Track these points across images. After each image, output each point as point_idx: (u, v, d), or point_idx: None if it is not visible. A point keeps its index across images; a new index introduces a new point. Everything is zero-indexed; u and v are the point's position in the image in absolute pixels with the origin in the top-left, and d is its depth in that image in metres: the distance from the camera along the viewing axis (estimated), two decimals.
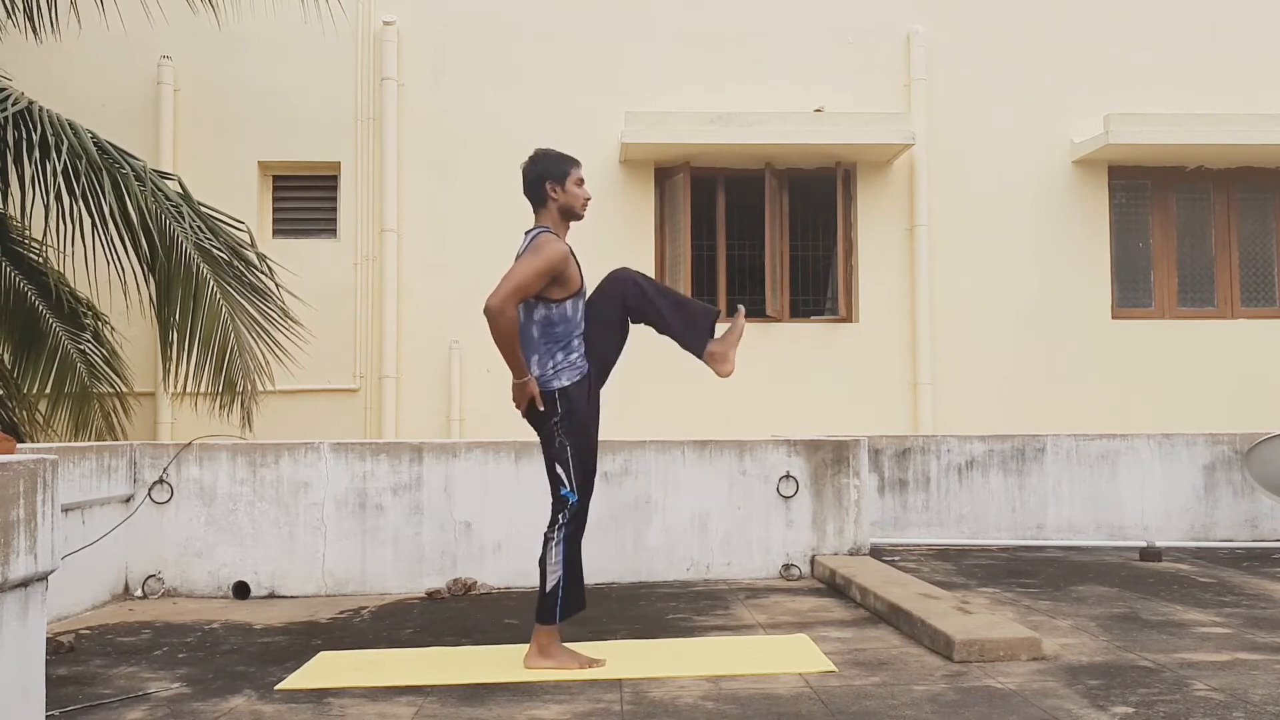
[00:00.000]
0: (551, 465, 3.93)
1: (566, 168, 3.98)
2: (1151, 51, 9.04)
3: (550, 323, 3.89)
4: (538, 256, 3.80)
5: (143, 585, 5.63)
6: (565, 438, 3.88)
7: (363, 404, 8.57)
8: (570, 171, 3.98)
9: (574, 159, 4.04)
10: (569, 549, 3.90)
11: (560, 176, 3.96)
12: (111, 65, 8.48)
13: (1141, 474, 7.35)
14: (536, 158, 4.01)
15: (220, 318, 6.29)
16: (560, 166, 3.97)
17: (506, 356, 3.80)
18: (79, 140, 5.86)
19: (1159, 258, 9.20)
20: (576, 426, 3.90)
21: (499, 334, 3.74)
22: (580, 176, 4.02)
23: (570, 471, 3.89)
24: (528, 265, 3.79)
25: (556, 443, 3.90)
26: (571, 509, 3.90)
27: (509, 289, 3.74)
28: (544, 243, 3.85)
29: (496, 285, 3.78)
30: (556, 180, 3.95)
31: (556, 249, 3.83)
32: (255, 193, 8.66)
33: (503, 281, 3.77)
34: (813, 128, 8.42)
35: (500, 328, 3.73)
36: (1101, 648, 4.12)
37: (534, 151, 4.05)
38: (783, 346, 8.74)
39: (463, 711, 3.38)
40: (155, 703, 3.52)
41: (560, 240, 3.90)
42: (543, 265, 3.79)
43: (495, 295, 3.74)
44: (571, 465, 3.89)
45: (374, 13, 8.70)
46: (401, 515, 5.80)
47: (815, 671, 3.81)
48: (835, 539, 6.05)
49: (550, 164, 3.97)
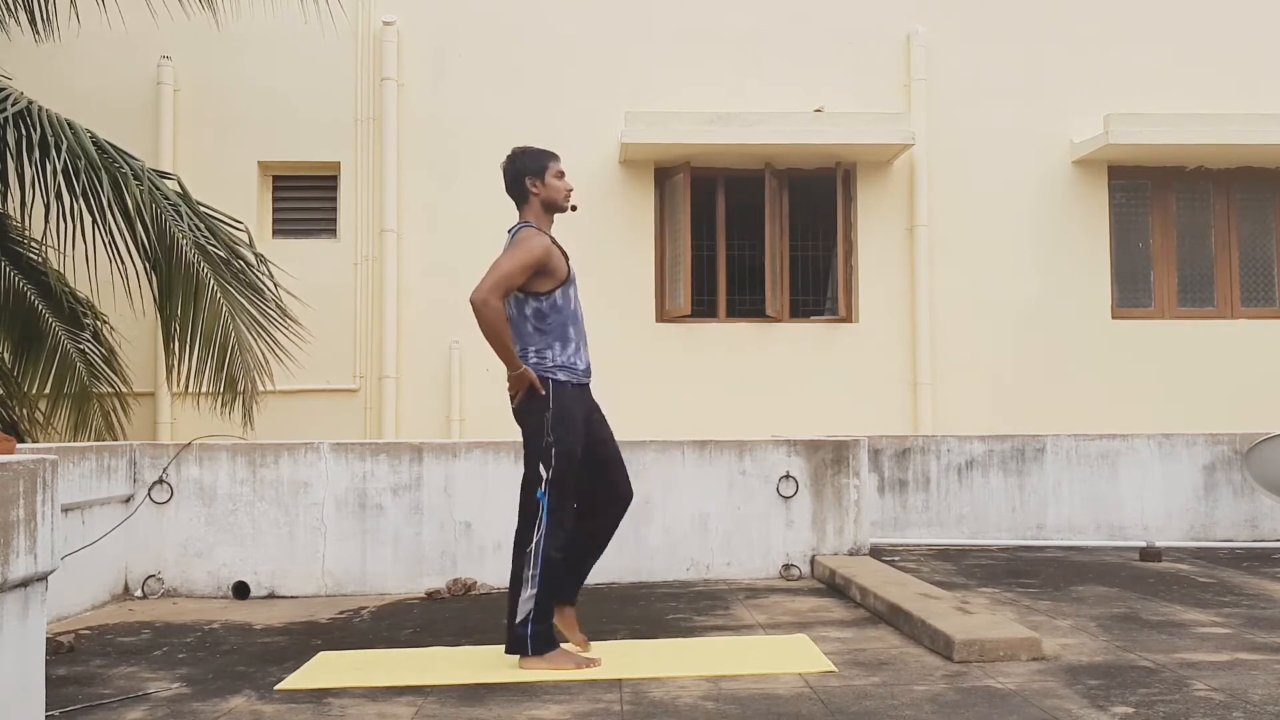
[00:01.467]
0: (534, 465, 3.88)
1: (545, 161, 4.03)
2: (1151, 52, 9.04)
3: (542, 314, 3.91)
4: (519, 250, 3.86)
5: (142, 585, 5.63)
6: (553, 433, 3.87)
7: (363, 404, 8.57)
8: (549, 165, 4.02)
9: (552, 153, 4.08)
10: (546, 564, 3.81)
11: (539, 171, 4.00)
12: (111, 65, 8.48)
13: (1141, 474, 7.35)
14: (514, 155, 4.05)
15: (220, 317, 6.29)
16: (538, 161, 4.02)
17: (497, 349, 3.81)
18: (78, 140, 5.86)
19: (1159, 258, 9.20)
20: (565, 425, 3.88)
21: (485, 326, 3.78)
22: (560, 169, 4.05)
23: (551, 471, 3.84)
24: (509, 259, 3.84)
25: (544, 440, 3.87)
26: (546, 520, 3.82)
27: (491, 282, 3.78)
28: (525, 237, 3.90)
29: (480, 280, 3.82)
30: (535, 175, 4.00)
31: (537, 242, 3.88)
32: (255, 193, 8.66)
33: (485, 275, 3.82)
34: (813, 128, 8.42)
35: (485, 320, 3.76)
36: (1101, 648, 4.12)
37: (511, 150, 4.09)
38: (783, 346, 8.74)
39: (462, 711, 3.38)
40: (155, 703, 3.52)
41: (541, 234, 3.94)
42: (525, 258, 3.84)
43: (478, 289, 3.79)
44: (554, 465, 3.85)
45: (374, 13, 8.70)
46: (401, 515, 5.80)
47: (815, 671, 3.81)
48: (835, 539, 6.05)
49: (529, 160, 4.02)
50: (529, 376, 3.85)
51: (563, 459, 3.88)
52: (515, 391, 3.90)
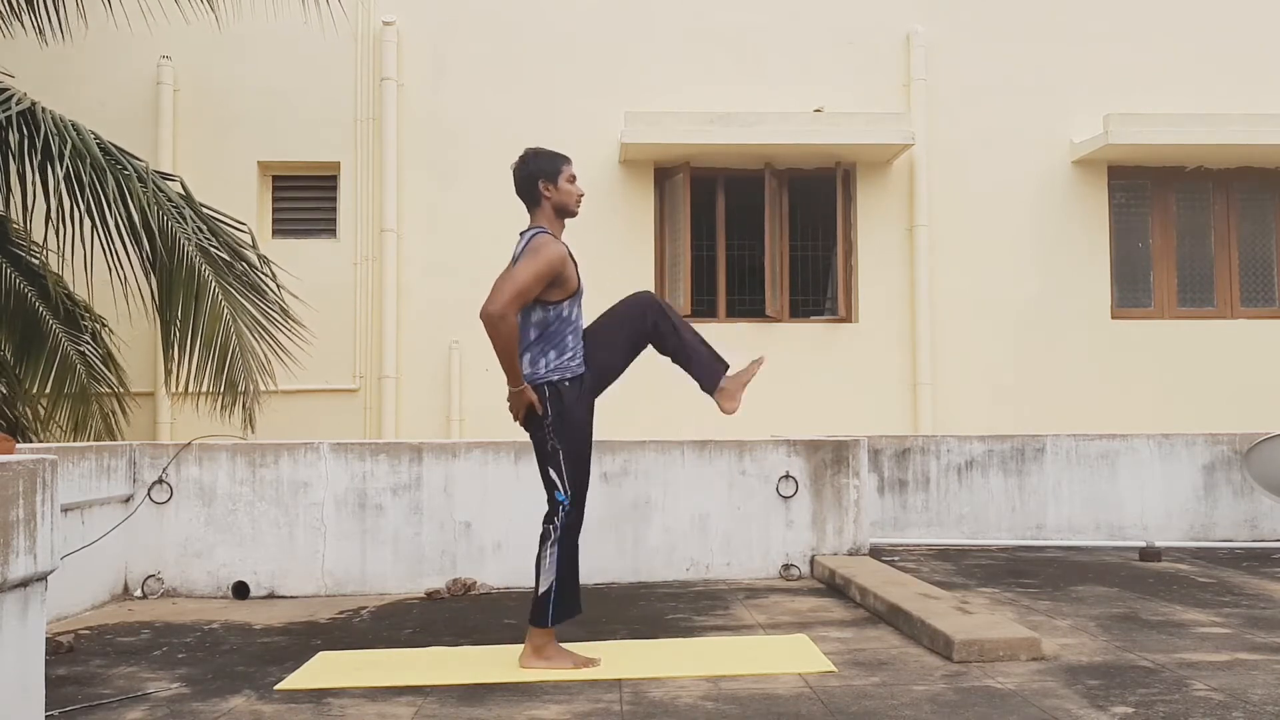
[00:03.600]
0: (545, 469, 3.88)
1: (559, 165, 3.94)
2: (1151, 51, 9.04)
3: (546, 323, 3.85)
4: (537, 259, 3.74)
5: (142, 585, 5.63)
6: (558, 441, 3.83)
7: (362, 404, 8.57)
8: (562, 168, 3.93)
9: (565, 156, 3.99)
10: (564, 551, 3.85)
11: (553, 174, 3.91)
12: (111, 65, 8.48)
13: (1141, 474, 7.35)
14: (527, 157, 3.97)
15: (222, 319, 6.29)
16: (553, 164, 3.93)
17: (504, 363, 3.74)
18: (83, 142, 5.85)
19: (1159, 258, 9.20)
20: (569, 430, 3.84)
21: (499, 341, 3.68)
22: (572, 173, 3.97)
23: (564, 475, 3.84)
24: (528, 269, 3.72)
25: (549, 446, 3.85)
26: (566, 513, 3.85)
27: (510, 295, 3.67)
28: (542, 244, 3.79)
29: (493, 290, 3.72)
30: (549, 178, 3.91)
31: (555, 251, 3.78)
32: (255, 193, 8.66)
33: (502, 287, 3.71)
34: (813, 128, 8.43)
35: (501, 334, 3.67)
36: (1101, 648, 4.12)
37: (524, 151, 4.00)
38: (783, 346, 8.74)
39: (462, 711, 3.38)
40: (155, 703, 3.52)
41: (558, 241, 3.86)
42: (544, 268, 3.74)
43: (495, 301, 3.67)
44: (565, 470, 3.84)
45: (374, 13, 8.70)
46: (401, 515, 5.80)
47: (815, 671, 3.81)
48: (835, 539, 6.05)
49: (543, 162, 3.93)
50: (527, 397, 3.80)
51: (571, 458, 3.86)
52: (514, 409, 3.85)
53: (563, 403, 3.85)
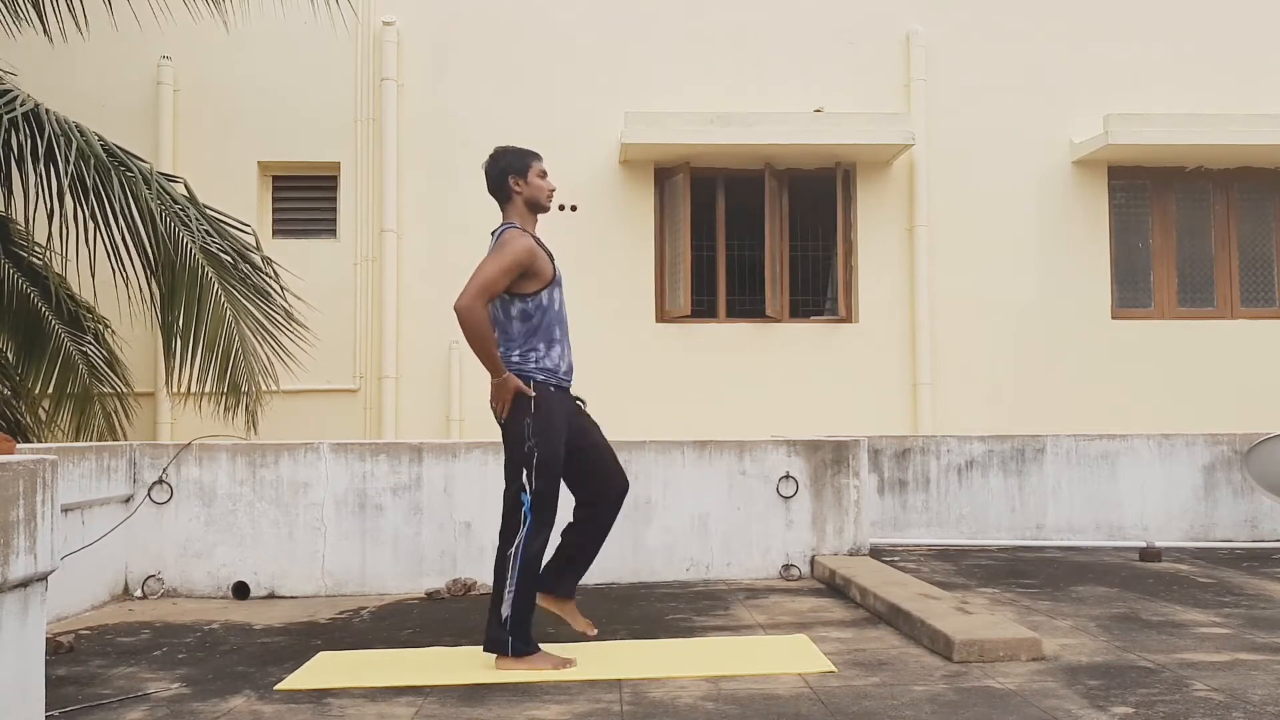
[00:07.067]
0: (516, 471, 3.84)
1: (528, 160, 4.02)
2: (1151, 51, 9.04)
3: (527, 315, 3.90)
4: (502, 253, 3.83)
5: (142, 585, 5.63)
6: (534, 438, 3.83)
7: (362, 404, 8.57)
8: (532, 164, 4.01)
9: (534, 152, 4.07)
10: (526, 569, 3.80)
11: (522, 170, 3.99)
12: (111, 65, 8.48)
13: (1141, 474, 7.35)
14: (496, 155, 4.04)
15: (225, 322, 6.29)
16: (522, 160, 4.01)
17: (481, 356, 3.79)
18: (87, 143, 5.84)
19: (1159, 258, 9.20)
20: (547, 429, 3.84)
21: (469, 332, 3.75)
22: (542, 169, 4.04)
23: (533, 477, 3.81)
24: (493, 263, 3.81)
25: (525, 446, 3.84)
26: (529, 523, 3.80)
27: (475, 288, 3.76)
28: (509, 239, 3.87)
29: (464, 285, 3.79)
30: (519, 174, 3.98)
31: (521, 244, 3.85)
32: (255, 193, 8.67)
33: (469, 281, 3.79)
34: (813, 128, 8.43)
35: (470, 326, 3.74)
36: (1101, 648, 4.12)
37: (493, 150, 4.08)
38: (783, 347, 8.75)
39: (462, 712, 3.38)
40: (155, 703, 3.52)
41: (524, 234, 3.92)
42: (509, 261, 3.81)
43: (463, 295, 3.75)
44: (535, 470, 3.81)
45: (374, 13, 8.70)
46: (401, 515, 5.80)
47: (815, 672, 3.81)
48: (835, 539, 6.05)
49: (512, 159, 4.01)
50: (513, 383, 3.81)
51: (545, 463, 3.84)
52: (500, 400, 3.85)
53: (547, 399, 3.88)
